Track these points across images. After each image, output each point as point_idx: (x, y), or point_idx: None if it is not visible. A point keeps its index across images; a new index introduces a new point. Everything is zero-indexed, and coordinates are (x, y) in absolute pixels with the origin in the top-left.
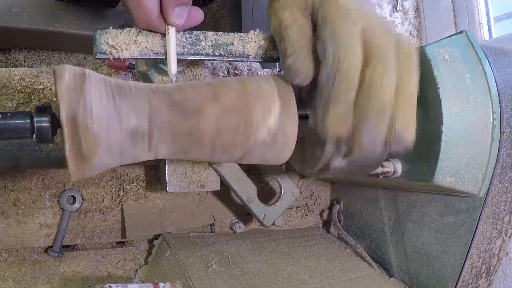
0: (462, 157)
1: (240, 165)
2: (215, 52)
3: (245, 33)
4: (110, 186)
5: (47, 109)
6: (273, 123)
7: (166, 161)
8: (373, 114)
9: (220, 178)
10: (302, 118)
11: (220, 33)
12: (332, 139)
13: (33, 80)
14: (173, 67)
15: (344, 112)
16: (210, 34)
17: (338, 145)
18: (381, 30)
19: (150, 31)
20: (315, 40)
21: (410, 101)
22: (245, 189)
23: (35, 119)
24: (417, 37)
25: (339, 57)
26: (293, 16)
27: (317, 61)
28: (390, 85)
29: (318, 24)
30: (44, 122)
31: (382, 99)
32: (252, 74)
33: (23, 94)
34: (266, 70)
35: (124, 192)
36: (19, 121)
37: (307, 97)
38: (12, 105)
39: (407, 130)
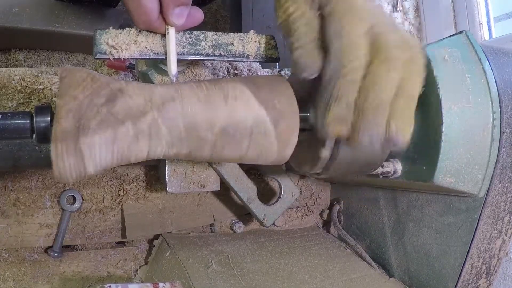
0: (462, 157)
1: (240, 165)
2: (215, 52)
3: (245, 33)
4: (110, 186)
5: (47, 109)
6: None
7: (166, 161)
8: (370, 112)
9: (220, 178)
10: (302, 120)
11: (220, 33)
12: (332, 138)
13: (33, 80)
14: (173, 67)
15: (345, 112)
16: (210, 34)
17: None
18: (389, 29)
19: (150, 31)
20: (322, 35)
21: (408, 104)
22: (245, 189)
23: (35, 119)
24: (417, 37)
25: (343, 55)
26: (301, 9)
27: (325, 56)
28: (390, 85)
29: (325, 18)
30: (44, 122)
31: (380, 98)
32: (252, 74)
33: (23, 94)
34: (266, 70)
35: (124, 192)
36: (19, 121)
37: (307, 96)
38: (12, 105)
39: (401, 134)
